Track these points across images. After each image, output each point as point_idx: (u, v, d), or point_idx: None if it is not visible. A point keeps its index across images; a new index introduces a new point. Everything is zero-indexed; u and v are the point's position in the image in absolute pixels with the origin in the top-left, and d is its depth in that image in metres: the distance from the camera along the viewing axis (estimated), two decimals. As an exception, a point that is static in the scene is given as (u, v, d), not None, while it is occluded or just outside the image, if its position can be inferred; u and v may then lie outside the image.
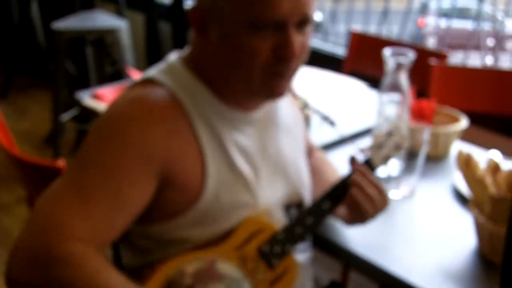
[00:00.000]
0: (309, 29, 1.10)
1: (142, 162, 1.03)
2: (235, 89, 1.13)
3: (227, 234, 1.13)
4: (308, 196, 1.28)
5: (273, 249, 1.16)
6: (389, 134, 1.27)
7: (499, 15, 3.15)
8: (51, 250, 0.95)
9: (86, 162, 1.03)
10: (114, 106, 1.09)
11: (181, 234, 1.11)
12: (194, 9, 1.09)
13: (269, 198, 1.19)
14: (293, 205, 1.25)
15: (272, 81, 1.09)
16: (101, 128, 1.07)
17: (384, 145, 1.26)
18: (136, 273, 1.09)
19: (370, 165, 1.25)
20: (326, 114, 1.76)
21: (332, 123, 1.74)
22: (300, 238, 1.19)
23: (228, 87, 1.14)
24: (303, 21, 1.06)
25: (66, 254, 0.95)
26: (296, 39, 1.06)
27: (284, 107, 1.29)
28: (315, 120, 1.79)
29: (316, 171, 1.38)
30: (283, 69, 1.08)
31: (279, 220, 1.20)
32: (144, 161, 1.03)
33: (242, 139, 1.16)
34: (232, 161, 1.13)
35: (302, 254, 1.27)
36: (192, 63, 1.15)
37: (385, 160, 1.27)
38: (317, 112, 1.76)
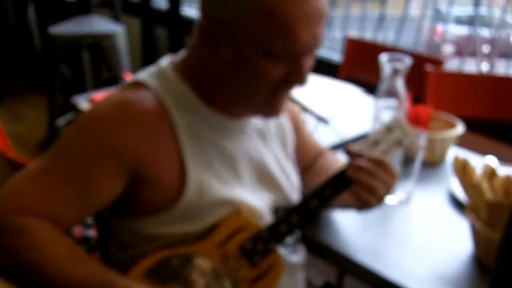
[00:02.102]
0: (316, 50, 1.11)
1: (107, 159, 1.06)
2: (231, 103, 1.16)
3: (209, 231, 1.14)
4: (296, 200, 1.28)
5: (256, 247, 1.15)
6: (389, 129, 1.20)
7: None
8: (4, 220, 0.98)
9: (58, 151, 1.08)
10: (99, 105, 1.12)
11: (164, 230, 1.13)
12: (207, 20, 1.08)
13: (254, 202, 1.19)
14: (282, 208, 1.25)
15: (274, 102, 1.12)
16: (80, 123, 1.10)
17: (381, 141, 1.19)
18: (122, 267, 1.11)
19: None
20: (318, 113, 1.76)
21: (325, 121, 1.73)
22: (284, 236, 1.18)
23: (223, 99, 1.15)
24: (315, 49, 1.09)
25: (19, 225, 0.98)
26: (307, 65, 1.09)
27: None
28: (310, 123, 1.79)
29: (319, 172, 1.37)
30: (286, 93, 1.12)
31: (266, 221, 1.20)
32: (110, 158, 1.06)
33: (225, 144, 1.18)
34: (213, 164, 1.15)
35: (294, 255, 1.27)
36: (184, 69, 1.17)
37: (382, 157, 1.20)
38: (310, 112, 1.76)
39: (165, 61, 1.19)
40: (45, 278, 0.97)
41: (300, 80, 1.08)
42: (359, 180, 1.15)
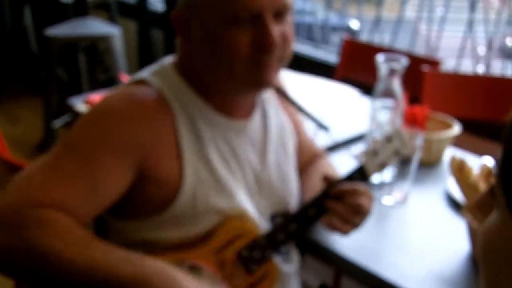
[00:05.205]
0: (289, 18, 1.10)
1: (118, 152, 1.06)
2: (221, 88, 1.15)
3: (206, 237, 1.13)
4: (295, 206, 1.28)
5: (253, 254, 1.15)
6: (388, 139, 1.22)
7: None
8: (23, 214, 0.96)
9: (68, 146, 1.07)
10: (104, 100, 1.12)
11: (158, 233, 1.12)
12: (176, 12, 1.12)
13: (250, 208, 1.18)
14: (279, 215, 1.24)
15: (256, 73, 1.10)
16: (87, 117, 1.11)
17: (380, 151, 1.21)
18: None
19: (363, 173, 1.21)
20: (319, 119, 1.76)
21: (325, 128, 1.74)
22: (281, 244, 1.17)
23: (216, 89, 1.15)
24: (281, 11, 1.07)
25: (37, 218, 0.96)
26: (275, 29, 1.06)
27: (273, 117, 1.29)
28: (308, 126, 1.79)
29: (312, 175, 1.37)
30: (264, 60, 1.09)
31: (264, 228, 1.19)
32: (121, 152, 1.06)
33: (222, 146, 1.17)
34: (212, 165, 1.14)
35: (288, 264, 1.27)
36: (181, 68, 1.18)
37: (380, 167, 1.22)
38: (310, 117, 1.76)
39: (167, 60, 1.20)
40: (64, 265, 0.93)
41: (267, 44, 1.05)
42: (331, 224, 1.18)
